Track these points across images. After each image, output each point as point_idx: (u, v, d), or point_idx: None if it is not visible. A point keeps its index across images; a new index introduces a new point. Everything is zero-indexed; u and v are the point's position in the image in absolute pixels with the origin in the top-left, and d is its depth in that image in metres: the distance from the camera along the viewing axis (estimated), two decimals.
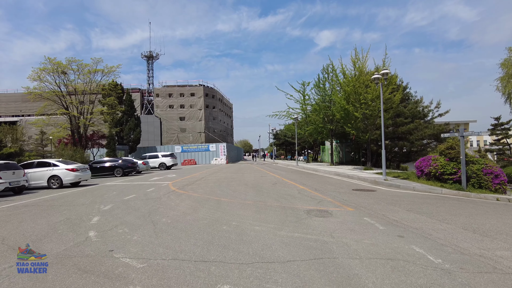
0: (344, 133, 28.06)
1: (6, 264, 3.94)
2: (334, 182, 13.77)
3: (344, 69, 20.84)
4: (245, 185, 12.32)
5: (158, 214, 6.83)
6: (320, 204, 7.94)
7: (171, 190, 11.12)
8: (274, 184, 12.83)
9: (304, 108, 32.46)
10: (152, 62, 54.38)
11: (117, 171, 19.72)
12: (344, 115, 20.34)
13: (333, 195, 9.59)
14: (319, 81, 26.88)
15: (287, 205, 7.82)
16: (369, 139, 20.59)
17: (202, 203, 8.24)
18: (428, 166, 13.46)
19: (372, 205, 7.81)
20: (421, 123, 22.29)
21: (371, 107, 19.55)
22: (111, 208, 7.83)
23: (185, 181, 14.86)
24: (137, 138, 37.05)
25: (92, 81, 30.23)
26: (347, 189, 11.26)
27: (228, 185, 12.50)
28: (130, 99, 37.28)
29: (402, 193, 10.10)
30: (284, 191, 10.43)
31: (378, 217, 6.34)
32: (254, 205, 7.83)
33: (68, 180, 13.03)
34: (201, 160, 42.59)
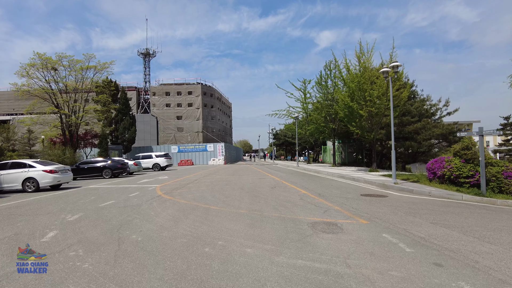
0: (347, 132, 26.84)
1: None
2: (339, 185, 12.54)
3: (348, 64, 19.63)
4: (240, 189, 11.09)
5: (130, 228, 5.60)
6: (327, 214, 6.71)
7: (156, 195, 9.89)
8: (273, 188, 11.59)
9: (305, 107, 31.28)
10: (149, 59, 53.11)
11: (105, 172, 18.48)
12: (348, 113, 19.11)
13: (340, 202, 8.36)
14: (321, 78, 25.67)
15: (288, 215, 6.58)
16: (374, 139, 19.36)
17: (187, 212, 7.00)
18: (442, 168, 12.27)
19: (388, 215, 6.58)
20: (429, 122, 21.06)
21: (376, 104, 18.32)
22: (78, 218, 6.59)
23: (176, 184, 13.62)
24: (132, 137, 35.80)
25: (84, 78, 28.99)
26: (355, 194, 10.04)
27: (222, 189, 11.26)
28: (125, 97, 36.04)
29: (418, 200, 8.87)
30: (284, 197, 9.20)
31: (399, 233, 5.11)
32: (248, 215, 6.59)
33: (45, 183, 11.78)
34: (199, 161, 41.34)
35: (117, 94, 35.91)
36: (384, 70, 13.04)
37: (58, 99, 27.35)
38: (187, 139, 49.32)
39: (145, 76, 52.67)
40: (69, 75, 28.26)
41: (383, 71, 13.10)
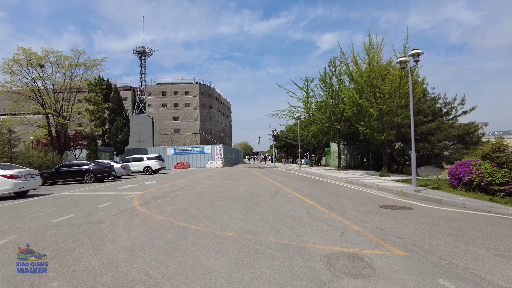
0: (353, 133, 25.05)
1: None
2: (350, 193, 10.73)
3: (356, 58, 17.85)
4: (234, 199, 9.28)
5: (60, 266, 3.80)
6: (346, 238, 4.91)
7: (130, 207, 8.09)
8: (272, 196, 9.78)
9: (308, 107, 29.56)
10: (145, 58, 51.33)
11: (88, 176, 16.70)
12: (357, 112, 17.30)
13: (357, 217, 6.56)
14: (325, 75, 23.90)
15: (292, 241, 4.78)
16: (385, 140, 17.55)
17: (156, 236, 5.20)
18: (468, 174, 10.51)
19: (429, 240, 4.80)
20: (445, 122, 19.25)
21: (388, 102, 16.54)
22: (3, 245, 4.80)
23: (161, 191, 11.82)
24: (125, 138, 34.02)
25: (73, 76, 27.30)
26: (372, 205, 8.24)
27: (212, 198, 9.45)
28: (118, 97, 34.31)
29: (453, 214, 7.07)
30: (287, 210, 7.39)
31: (463, 278, 3.33)
32: (238, 241, 4.80)
33: (4, 190, 10.00)
34: (195, 163, 39.51)
35: (109, 93, 34.19)
36: (401, 59, 11.25)
37: (45, 98, 25.65)
38: (184, 140, 47.53)
39: (141, 75, 50.95)
40: (56, 72, 26.58)
41: (401, 61, 11.32)
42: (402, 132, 20.28)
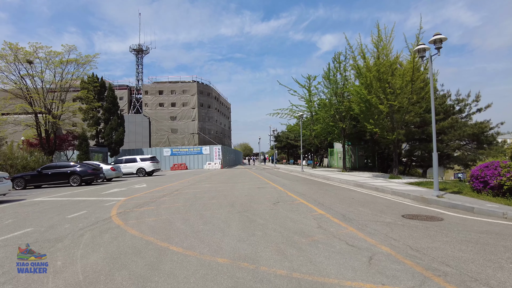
0: (358, 133, 23.75)
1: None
2: (363, 199, 9.40)
3: (363, 50, 16.53)
4: (230, 207, 7.95)
5: None
6: (377, 268, 3.57)
7: (105, 218, 6.76)
8: (275, 203, 8.45)
9: (310, 106, 28.27)
10: (141, 56, 49.98)
11: (73, 179, 15.37)
12: (365, 109, 15.97)
13: (381, 231, 5.25)
14: (329, 72, 22.59)
15: (305, 273, 3.45)
16: (395, 140, 16.23)
17: (121, 263, 3.87)
18: (497, 176, 9.24)
19: (492, 271, 3.48)
20: (458, 120, 17.93)
21: (399, 98, 15.23)
22: None
23: (148, 196, 10.48)
24: (119, 139, 32.66)
25: (65, 73, 25.98)
26: (393, 215, 6.95)
27: (204, 207, 8.11)
28: (112, 95, 32.99)
29: (499, 228, 5.76)
30: (293, 223, 6.06)
31: None
32: (230, 274, 3.46)
33: None
34: (193, 165, 38.14)
35: (104, 92, 32.89)
36: (420, 47, 9.92)
37: (33, 96, 24.32)
38: (182, 141, 46.18)
39: (138, 74, 49.52)
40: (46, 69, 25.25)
41: (419, 49, 9.99)
42: (412, 131, 18.97)
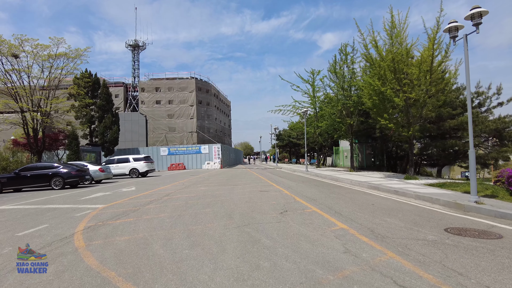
0: (367, 130, 22.23)
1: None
2: (387, 206, 7.88)
3: (375, 38, 14.95)
4: (227, 218, 6.43)
5: None
6: None
7: (64, 237, 5.24)
8: (282, 213, 6.93)
9: (314, 102, 26.73)
10: (138, 52, 48.27)
11: (55, 181, 13.86)
12: (378, 102, 14.40)
13: (433, 258, 3.76)
14: (335, 64, 21.01)
15: None
16: (412, 136, 14.69)
17: None
18: None
19: None
20: (479, 114, 16.36)
21: (416, 89, 13.68)
22: None
23: (131, 203, 8.94)
24: (114, 137, 31.11)
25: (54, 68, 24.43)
26: (433, 228, 5.50)
27: (195, 218, 6.57)
28: (106, 92, 31.43)
29: None
30: (310, 244, 4.53)
31: None
32: None
33: None
34: (191, 164, 36.59)
35: (97, 89, 31.35)
36: (452, 25, 8.36)
37: (20, 92, 22.79)
38: (181, 140, 44.59)
39: (134, 70, 47.86)
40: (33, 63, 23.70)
41: (450, 28, 8.43)
42: (427, 128, 17.40)
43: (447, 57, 13.42)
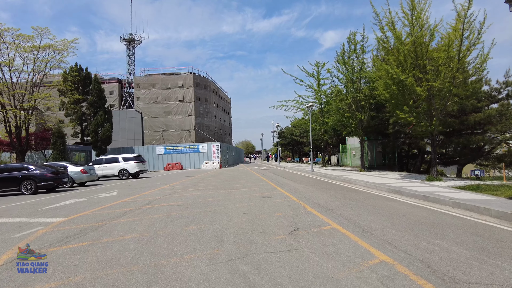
0: (378, 126, 20.39)
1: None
2: (424, 219, 6.05)
3: (393, 19, 13.06)
4: (216, 243, 4.61)
5: None
6: None
7: None
8: (292, 233, 5.11)
9: (319, 97, 24.92)
10: (133, 47, 46.33)
11: (26, 185, 12.09)
12: (397, 93, 12.52)
13: None
14: (344, 54, 19.13)
15: None
16: (435, 131, 12.83)
17: None
18: None
19: None
20: (510, 106, 14.48)
21: (440, 77, 11.80)
22: None
23: (97, 217, 7.14)
24: (106, 136, 29.31)
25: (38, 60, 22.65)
26: (510, 258, 3.62)
27: (172, 243, 4.75)
28: (98, 88, 29.62)
29: None
30: None
31: None
32: None
33: None
34: (189, 164, 34.78)
35: (88, 84, 29.57)
36: None
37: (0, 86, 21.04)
38: (178, 138, 42.76)
39: (129, 66, 45.89)
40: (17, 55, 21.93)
41: None
42: (448, 122, 15.54)
43: (479, 39, 11.55)
